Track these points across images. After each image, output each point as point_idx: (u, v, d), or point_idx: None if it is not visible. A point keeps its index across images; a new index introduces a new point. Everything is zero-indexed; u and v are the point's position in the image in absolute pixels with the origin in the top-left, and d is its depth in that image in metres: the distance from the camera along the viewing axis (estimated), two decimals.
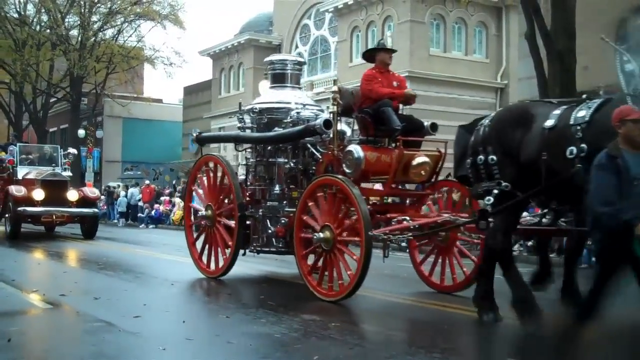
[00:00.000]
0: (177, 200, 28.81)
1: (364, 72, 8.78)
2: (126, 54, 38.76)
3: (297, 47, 38.31)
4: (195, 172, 10.49)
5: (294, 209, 8.39)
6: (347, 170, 8.02)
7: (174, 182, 39.16)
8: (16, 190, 17.44)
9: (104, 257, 12.62)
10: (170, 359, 5.14)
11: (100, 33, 38.90)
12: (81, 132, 39.69)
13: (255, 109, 9.61)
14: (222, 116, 40.87)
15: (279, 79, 9.96)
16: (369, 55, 9.01)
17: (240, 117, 9.86)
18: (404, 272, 10.00)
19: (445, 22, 29.15)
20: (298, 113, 9.21)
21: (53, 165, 19.22)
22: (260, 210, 9.15)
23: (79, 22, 38.28)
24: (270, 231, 8.97)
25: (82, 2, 37.23)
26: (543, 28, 15.17)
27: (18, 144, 20.26)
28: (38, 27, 39.61)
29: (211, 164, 9.98)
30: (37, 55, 37.52)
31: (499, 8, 29.84)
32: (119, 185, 35.51)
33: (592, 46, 15.16)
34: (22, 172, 18.57)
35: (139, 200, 30.07)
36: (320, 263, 7.91)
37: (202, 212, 9.69)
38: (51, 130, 44.46)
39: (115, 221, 30.32)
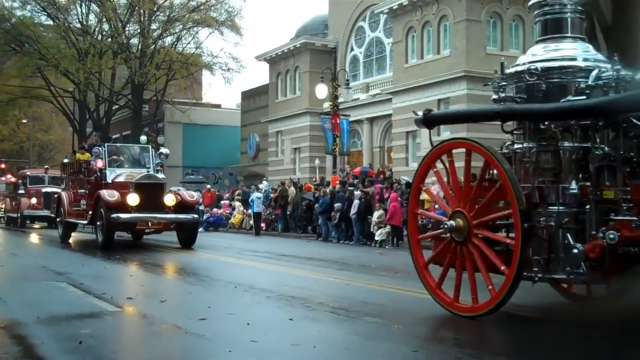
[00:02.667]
0: (236, 204, 29.17)
1: (419, 73, 8.29)
2: (185, 60, 39.43)
3: (352, 49, 38.33)
4: (429, 165, 7.41)
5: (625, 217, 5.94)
6: None
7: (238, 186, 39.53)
8: (109, 195, 15.57)
9: (167, 260, 12.85)
10: None
11: (160, 41, 39.71)
12: (143, 138, 40.34)
13: (533, 69, 6.71)
14: (279, 120, 41.20)
15: (553, 27, 7.15)
16: None
17: (500, 83, 7.01)
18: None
19: (502, 20, 28.78)
20: (601, 72, 6.40)
21: (147, 167, 17.47)
22: (543, 218, 6.36)
23: (139, 31, 39.15)
24: (574, 250, 5.98)
25: (141, 11, 38.02)
26: (603, 24, 14.80)
27: (106, 145, 18.28)
28: (100, 37, 40.64)
29: (458, 152, 7.10)
30: (99, 63, 38.45)
31: None
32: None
33: None
34: (111, 175, 16.81)
35: (200, 204, 30.49)
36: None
37: (447, 222, 6.79)
38: (114, 137, 45.50)
39: None
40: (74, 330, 6.12)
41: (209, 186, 34.34)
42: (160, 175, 17.16)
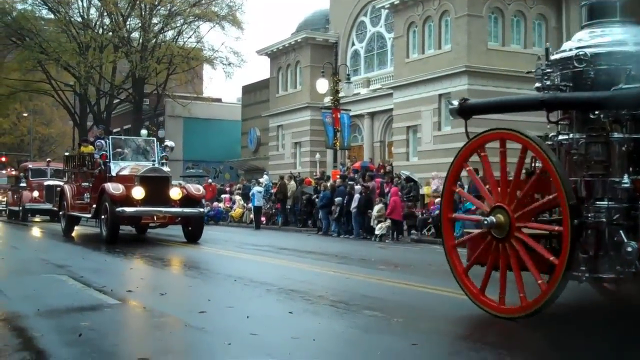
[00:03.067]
0: (237, 197, 29.20)
1: (420, 68, 7.82)
2: (186, 55, 39.42)
3: (353, 44, 38.30)
4: (464, 160, 7.00)
5: None
6: None
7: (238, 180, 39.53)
8: (113, 188, 15.24)
9: (168, 254, 12.87)
10: (236, 354, 5.20)
11: (161, 35, 39.69)
12: (143, 132, 40.25)
13: (582, 55, 6.26)
14: (280, 114, 41.18)
15: (601, 11, 6.63)
16: None
17: (545, 70, 6.57)
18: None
19: (503, 15, 28.73)
20: None
21: (152, 160, 17.13)
22: (592, 213, 5.95)
23: (140, 25, 39.12)
24: (627, 248, 5.60)
25: (142, 5, 37.95)
26: None
27: (110, 137, 17.98)
28: (101, 30, 40.61)
29: (498, 144, 6.65)
30: (100, 57, 38.44)
31: (558, 0, 29.22)
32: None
33: None
34: (115, 168, 16.45)
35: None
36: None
37: (487, 218, 6.34)
38: (114, 130, 45.50)
39: None
40: (74, 322, 6.15)
41: (210, 180, 34.35)
42: (166, 169, 16.93)
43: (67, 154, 21.19)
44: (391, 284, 8.99)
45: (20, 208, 28.50)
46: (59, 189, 20.66)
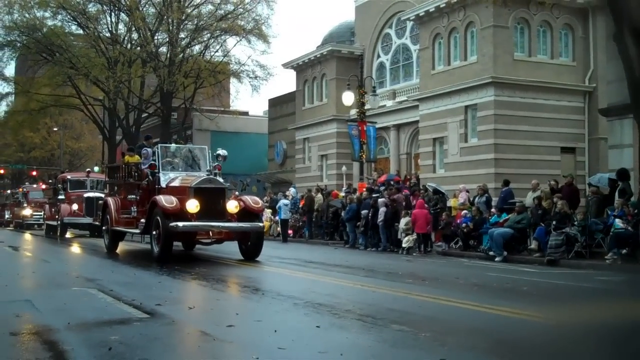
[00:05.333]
0: (267, 212, 29.19)
1: (446, 79, 7.90)
2: (213, 69, 39.68)
3: (379, 56, 38.34)
4: None
5: None
6: None
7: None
8: (166, 201, 13.90)
9: (195, 268, 12.93)
10: None
11: (188, 49, 40.03)
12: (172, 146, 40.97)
13: None
14: (306, 127, 41.31)
15: None
16: None
17: None
18: (494, 282, 9.83)
19: (529, 25, 28.62)
20: None
21: (207, 170, 15.55)
22: None
23: (167, 39, 39.51)
24: None
25: (170, 20, 38.34)
26: (633, 27, 14.54)
27: (159, 145, 16.31)
28: (129, 45, 41.10)
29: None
30: (128, 72, 38.85)
31: (584, 10, 29.06)
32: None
33: None
34: (164, 179, 15.16)
35: None
36: None
37: None
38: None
39: None
40: (103, 336, 6.20)
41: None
42: (220, 179, 15.41)
43: (108, 164, 19.87)
44: (418, 298, 8.95)
45: (59, 222, 26.53)
46: (100, 201, 19.52)
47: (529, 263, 15.74)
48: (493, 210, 19.21)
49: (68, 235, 27.26)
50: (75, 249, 21.04)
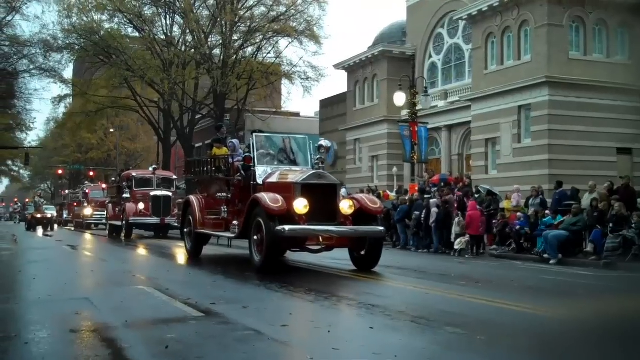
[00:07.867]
0: None
1: (499, 79, 7.82)
2: (265, 70, 39.97)
3: (430, 56, 38.11)
4: None
5: None
6: None
7: None
8: (271, 200, 11.52)
9: (249, 267, 13.02)
10: None
11: (241, 51, 40.38)
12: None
13: None
14: (357, 128, 41.29)
15: None
16: None
17: None
18: (549, 285, 9.69)
19: (584, 24, 28.09)
20: None
21: (314, 164, 13.59)
22: None
23: (221, 41, 39.93)
24: None
25: (223, 22, 38.74)
26: None
27: (254, 135, 13.90)
28: (183, 48, 41.67)
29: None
30: (183, 74, 39.40)
31: None
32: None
33: None
34: (261, 174, 12.96)
35: None
36: None
37: None
38: (197, 145, 46.44)
39: None
40: (160, 334, 6.33)
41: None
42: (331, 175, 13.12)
43: (188, 159, 18.54)
44: (472, 300, 8.87)
45: (124, 222, 24.86)
46: (180, 200, 17.65)
47: (584, 266, 15.44)
48: (547, 212, 18.88)
49: (142, 236, 26.39)
50: (142, 251, 19.73)
